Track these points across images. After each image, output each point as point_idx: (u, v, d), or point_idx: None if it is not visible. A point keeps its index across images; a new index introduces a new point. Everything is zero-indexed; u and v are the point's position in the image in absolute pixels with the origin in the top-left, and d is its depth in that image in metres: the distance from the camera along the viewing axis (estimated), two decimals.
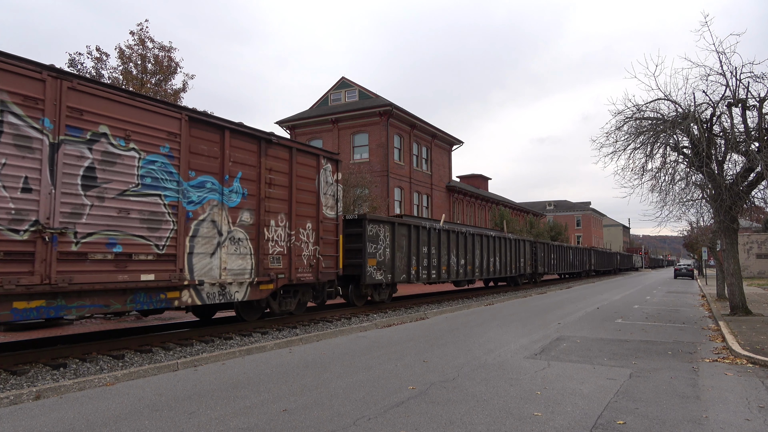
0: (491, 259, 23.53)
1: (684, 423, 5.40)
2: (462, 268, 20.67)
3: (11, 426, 5.21)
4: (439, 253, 18.74)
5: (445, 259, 19.24)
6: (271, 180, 11.18)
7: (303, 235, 12.01)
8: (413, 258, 17.03)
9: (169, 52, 18.26)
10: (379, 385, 6.85)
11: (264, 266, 10.89)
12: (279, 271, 11.31)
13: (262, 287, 10.99)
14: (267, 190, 11.06)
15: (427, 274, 17.91)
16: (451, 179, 44.73)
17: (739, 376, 7.72)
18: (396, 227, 16.10)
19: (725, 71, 13.64)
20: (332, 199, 13.06)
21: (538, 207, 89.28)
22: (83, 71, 16.92)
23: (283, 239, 11.43)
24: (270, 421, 5.36)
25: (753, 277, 46.23)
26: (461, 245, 20.66)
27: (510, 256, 25.92)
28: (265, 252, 10.93)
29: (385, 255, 15.52)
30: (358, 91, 37.76)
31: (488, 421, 5.38)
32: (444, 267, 19.18)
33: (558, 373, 7.73)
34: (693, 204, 15.95)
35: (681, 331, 12.65)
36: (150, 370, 7.61)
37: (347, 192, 25.52)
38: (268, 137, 11.14)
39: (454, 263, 19.94)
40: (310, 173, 12.35)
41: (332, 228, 13.02)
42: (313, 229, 12.37)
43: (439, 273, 18.74)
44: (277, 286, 11.28)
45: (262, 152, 10.97)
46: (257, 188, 10.83)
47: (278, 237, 11.30)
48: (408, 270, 16.71)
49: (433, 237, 18.50)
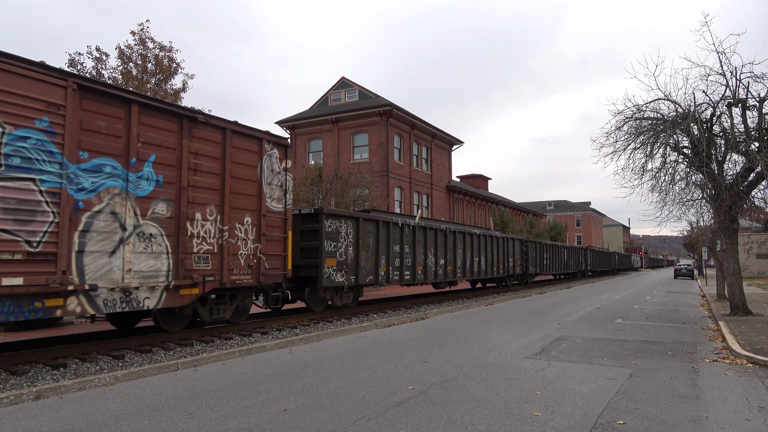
0: (476, 259, 21.91)
1: (684, 423, 5.40)
2: (441, 268, 18.97)
3: (11, 426, 5.21)
4: (413, 252, 17.10)
5: (421, 259, 17.61)
6: (197, 166, 9.52)
7: (240, 231, 10.45)
8: (382, 258, 15.44)
9: (169, 52, 18.27)
10: (379, 385, 6.85)
11: (186, 267, 9.26)
12: (207, 273, 9.70)
13: (183, 292, 9.28)
14: (191, 177, 9.40)
15: (399, 276, 16.32)
16: (451, 179, 44.72)
17: (739, 376, 7.72)
18: (361, 223, 14.50)
19: (725, 71, 13.66)
20: (279, 190, 11.42)
21: (538, 207, 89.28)
22: (84, 71, 16.92)
23: (213, 235, 9.81)
24: (270, 421, 5.36)
25: (753, 277, 46.24)
26: (440, 244, 18.96)
27: (497, 255, 24.38)
28: (187, 250, 9.30)
29: (347, 254, 13.97)
30: (358, 91, 37.76)
31: (488, 421, 5.38)
32: (420, 267, 17.55)
33: (558, 373, 7.73)
34: (693, 204, 15.97)
35: (681, 331, 12.65)
36: (150, 370, 7.61)
37: (347, 192, 25.50)
38: (192, 115, 9.48)
39: (432, 263, 18.31)
40: (251, 159, 10.77)
41: (279, 223, 11.40)
42: (254, 223, 10.76)
43: (413, 274, 17.12)
44: (204, 291, 9.65)
45: (184, 132, 9.31)
46: (177, 175, 9.14)
47: (206, 233, 9.69)
48: (376, 271, 15.14)
49: (407, 234, 16.88)
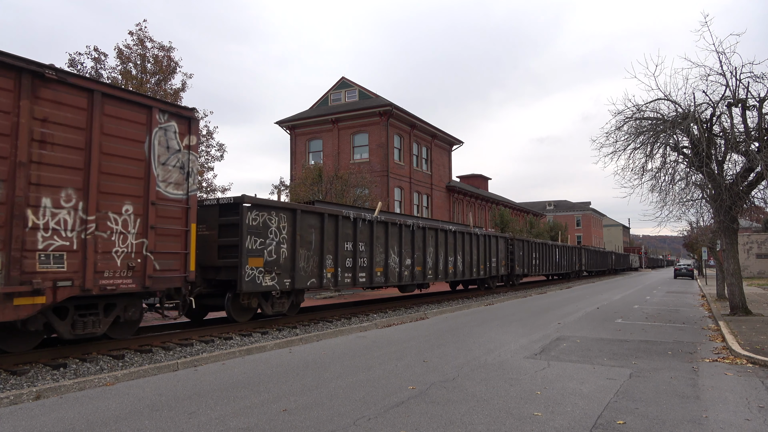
0: (450, 259, 19.56)
1: (684, 423, 5.40)
2: (407, 269, 16.64)
3: (11, 426, 5.21)
4: (371, 251, 14.78)
5: (381, 259, 15.32)
6: (46, 137, 7.45)
7: (116, 223, 8.30)
8: (329, 257, 13.17)
9: (168, 52, 18.27)
10: (379, 385, 6.85)
11: (24, 269, 7.12)
12: (61, 277, 7.57)
13: (20, 302, 7.11)
14: (36, 151, 7.33)
15: (351, 278, 14.03)
16: (451, 179, 44.73)
17: (739, 376, 7.72)
18: (299, 216, 12.19)
19: (725, 71, 13.66)
20: (178, 173, 9.21)
21: (538, 207, 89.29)
22: (83, 71, 16.92)
23: (71, 228, 7.70)
24: (270, 421, 5.36)
25: (753, 277, 46.24)
26: (406, 241, 16.59)
27: (478, 255, 22.09)
28: (27, 247, 7.18)
29: (279, 253, 11.65)
30: (358, 91, 37.77)
31: (488, 421, 5.38)
32: (379, 268, 15.24)
33: (558, 373, 7.73)
34: (693, 204, 15.96)
35: (681, 331, 12.65)
36: (150, 370, 7.62)
37: (347, 192, 25.47)
38: (39, 70, 7.37)
39: (395, 263, 15.95)
40: (134, 132, 8.63)
41: (177, 213, 9.18)
42: (138, 213, 8.61)
43: (370, 276, 14.78)
44: (55, 300, 7.51)
45: (24, 92, 7.20)
46: (12, 147, 7.08)
47: (61, 224, 7.59)
48: (320, 273, 12.87)
49: (363, 230, 14.53)
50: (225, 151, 19.68)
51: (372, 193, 29.83)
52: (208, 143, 19.24)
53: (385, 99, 35.67)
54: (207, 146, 19.27)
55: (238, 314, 11.56)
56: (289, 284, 11.95)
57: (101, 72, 17.24)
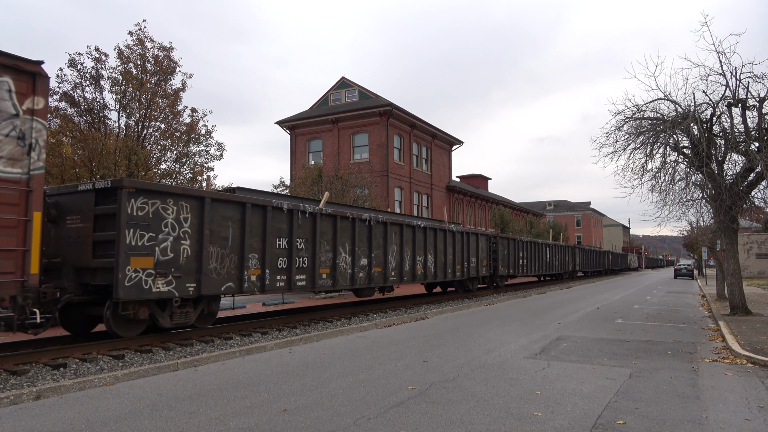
0: (419, 258, 17.33)
1: (684, 423, 5.40)
2: (363, 270, 14.53)
3: (11, 426, 5.21)
4: (314, 249, 12.62)
5: (327, 258, 13.15)
6: None
7: None
8: (252, 256, 10.94)
9: (168, 52, 18.25)
10: (379, 385, 6.85)
11: None
12: None
13: None
14: None
15: (286, 281, 11.90)
16: (451, 179, 44.74)
17: (739, 376, 7.72)
18: (209, 206, 9.97)
19: (725, 71, 13.66)
20: (14, 145, 7.03)
21: (538, 207, 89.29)
22: (84, 71, 16.92)
23: None
24: (270, 421, 5.36)
25: (753, 277, 46.24)
26: (362, 238, 14.49)
27: (454, 254, 19.93)
28: None
29: (178, 251, 9.43)
30: (358, 91, 37.77)
31: (488, 421, 5.38)
32: (325, 269, 13.02)
33: (558, 373, 7.73)
34: (693, 204, 15.97)
35: (681, 331, 12.65)
36: (150, 370, 7.62)
37: (347, 192, 25.42)
38: None
39: (346, 263, 13.80)
40: None
41: (12, 198, 6.99)
42: None
43: (313, 278, 12.63)
44: None
45: None
46: None
47: None
48: (240, 275, 10.65)
49: (302, 225, 12.33)
50: (225, 150, 19.66)
51: (372, 193, 29.83)
52: (207, 143, 19.24)
53: (385, 99, 35.68)
54: (206, 146, 19.26)
55: (122, 328, 9.26)
56: (194, 290, 9.70)
57: (102, 72, 17.26)
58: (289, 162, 37.28)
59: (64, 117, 16.88)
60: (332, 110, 36.37)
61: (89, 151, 16.17)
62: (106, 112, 17.55)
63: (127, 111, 17.56)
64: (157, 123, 18.27)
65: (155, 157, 18.10)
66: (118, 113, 17.55)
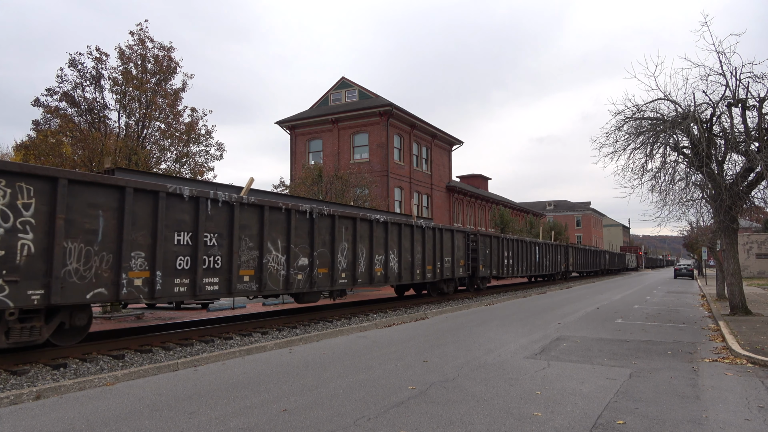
0: (379, 257, 15.09)
1: (684, 423, 5.40)
2: (302, 272, 12.06)
3: (11, 426, 5.21)
4: (230, 246, 10.26)
5: (251, 257, 10.80)
6: None
7: None
8: (137, 255, 8.66)
9: (168, 52, 18.24)
10: (379, 385, 6.85)
11: None
12: None
13: None
14: None
15: (189, 285, 9.50)
16: (451, 179, 44.73)
17: (739, 376, 7.72)
18: (65, 189, 7.72)
19: (725, 71, 13.66)
20: None
21: (538, 207, 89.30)
22: (84, 71, 16.92)
23: None
24: (270, 421, 5.36)
25: (753, 277, 46.25)
26: (300, 234, 12.04)
27: (423, 252, 17.59)
28: None
29: (12, 246, 7.18)
30: (358, 91, 37.77)
31: (488, 421, 5.38)
32: (247, 271, 10.70)
33: (558, 373, 7.74)
34: (693, 204, 15.97)
35: (681, 331, 12.65)
36: (150, 370, 7.62)
37: (347, 192, 25.39)
38: None
39: (277, 264, 11.40)
40: None
41: None
42: None
43: (229, 282, 10.22)
44: None
45: None
46: None
47: None
48: (116, 278, 8.35)
49: (214, 216, 10.00)
50: (225, 150, 19.65)
51: (372, 193, 29.83)
52: (207, 143, 19.23)
53: (385, 99, 35.68)
54: (206, 146, 19.25)
55: None
56: (40, 298, 7.43)
57: (102, 72, 17.25)
58: (289, 162, 37.30)
59: (64, 117, 16.87)
60: (332, 110, 36.37)
61: (89, 151, 16.17)
62: (106, 112, 17.54)
63: (127, 111, 17.55)
64: (157, 123, 18.26)
65: (155, 157, 18.09)
66: (118, 113, 17.54)
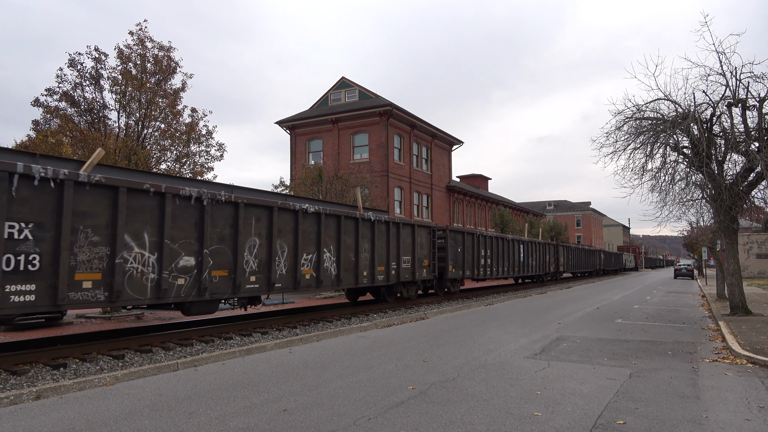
0: (308, 257, 12.38)
1: (684, 423, 5.40)
2: (188, 275, 9.42)
3: (11, 426, 5.21)
4: (57, 242, 7.55)
5: (95, 255, 8.06)
6: None
7: None
8: None
9: (168, 52, 18.24)
10: (379, 385, 6.85)
11: None
12: None
13: None
14: None
15: None
16: (451, 179, 44.72)
17: (739, 376, 7.72)
18: None
19: (725, 71, 13.66)
20: None
21: (538, 207, 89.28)
22: (84, 71, 16.91)
23: None
24: (270, 421, 5.36)
25: (753, 277, 46.24)
26: (184, 226, 9.42)
27: (372, 251, 14.86)
28: None
29: None
30: (358, 91, 37.76)
31: (488, 421, 5.38)
32: (92, 275, 7.95)
33: (558, 373, 7.73)
34: (693, 204, 15.96)
35: (681, 331, 12.65)
36: (150, 370, 7.62)
37: (347, 192, 25.38)
38: None
39: (144, 265, 8.69)
40: None
41: None
42: None
43: (54, 290, 7.48)
44: None
45: None
46: None
47: None
48: None
49: (30, 200, 7.33)
50: (225, 150, 19.65)
51: (372, 193, 29.82)
52: (207, 143, 19.23)
53: (385, 99, 35.67)
54: (207, 146, 19.25)
55: None
56: None
57: (101, 72, 17.25)
58: (289, 162, 37.29)
59: (64, 117, 16.87)
60: (332, 110, 36.36)
61: (89, 151, 16.16)
62: (106, 112, 17.54)
63: (127, 111, 17.55)
64: (157, 123, 18.26)
65: (155, 157, 18.09)
66: (118, 113, 17.54)
